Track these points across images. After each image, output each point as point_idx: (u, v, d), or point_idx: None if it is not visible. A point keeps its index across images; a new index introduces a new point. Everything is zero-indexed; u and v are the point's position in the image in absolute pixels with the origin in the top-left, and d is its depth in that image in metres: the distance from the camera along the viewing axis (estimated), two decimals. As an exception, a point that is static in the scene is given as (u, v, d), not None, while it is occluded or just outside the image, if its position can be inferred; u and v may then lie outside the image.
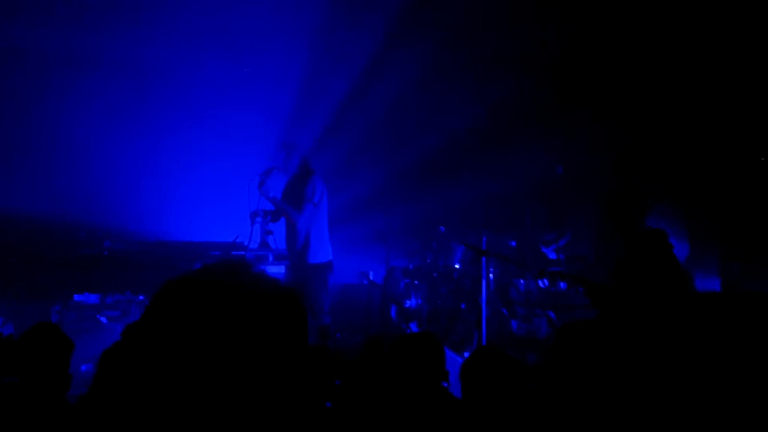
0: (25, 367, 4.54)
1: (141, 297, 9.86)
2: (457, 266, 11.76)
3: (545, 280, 10.99)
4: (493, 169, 12.71)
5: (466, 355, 9.73)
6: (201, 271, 1.60)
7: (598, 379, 4.20)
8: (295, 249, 9.21)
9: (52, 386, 4.49)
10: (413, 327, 11.16)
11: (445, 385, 5.03)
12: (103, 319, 9.81)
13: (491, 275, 10.68)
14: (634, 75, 11.46)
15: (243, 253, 9.33)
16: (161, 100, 12.19)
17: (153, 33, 11.64)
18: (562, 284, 10.71)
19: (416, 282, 11.73)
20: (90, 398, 4.39)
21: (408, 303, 11.59)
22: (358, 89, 13.00)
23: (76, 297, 9.63)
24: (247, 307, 1.51)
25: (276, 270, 9.68)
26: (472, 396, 4.33)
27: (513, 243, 11.70)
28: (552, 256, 11.60)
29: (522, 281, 11.31)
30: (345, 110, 13.29)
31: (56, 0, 11.09)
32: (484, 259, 8.62)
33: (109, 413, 4.02)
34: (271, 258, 9.65)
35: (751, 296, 5.81)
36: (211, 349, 1.46)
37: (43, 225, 10.47)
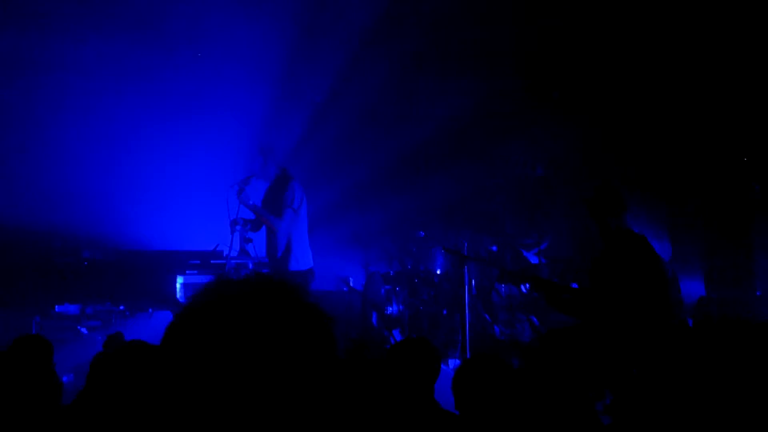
0: (7, 378, 4.46)
1: (122, 307, 9.78)
2: (438, 271, 11.72)
3: (510, 286, 10.98)
4: (471, 171, 12.68)
5: (450, 362, 9.72)
6: (238, 285, 1.51)
7: (583, 385, 4.19)
8: (275, 256, 9.15)
9: (40, 395, 4.42)
10: (396, 333, 11.12)
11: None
12: (84, 330, 9.72)
13: (473, 280, 10.64)
14: (614, 74, 11.47)
15: (223, 261, 9.25)
16: (137, 106, 12.08)
17: (126, 37, 11.55)
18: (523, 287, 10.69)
19: (397, 288, 11.68)
20: (78, 408, 4.32)
21: (389, 309, 11.54)
22: (333, 92, 12.94)
23: (57, 308, 9.54)
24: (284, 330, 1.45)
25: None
26: (468, 406, 4.28)
27: (494, 248, 11.67)
28: (534, 260, 11.58)
29: (504, 286, 11.28)
30: (320, 113, 13.24)
31: (25, 4, 10.98)
32: (466, 266, 8.57)
33: (104, 422, 3.95)
34: (251, 266, 9.58)
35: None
36: (240, 372, 1.39)
37: (20, 235, 10.35)
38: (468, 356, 8.19)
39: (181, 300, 9.26)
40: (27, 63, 11.47)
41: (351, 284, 12.31)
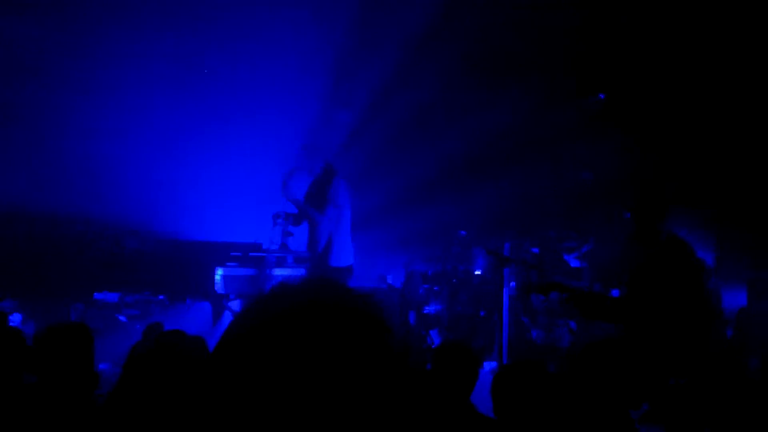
0: (48, 366, 4.47)
1: (161, 297, 9.83)
2: (477, 272, 11.66)
3: (539, 296, 10.89)
4: (516, 173, 12.62)
5: (486, 365, 9.66)
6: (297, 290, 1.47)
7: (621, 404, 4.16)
8: (316, 251, 9.16)
9: (78, 385, 4.42)
10: (433, 334, 11.08)
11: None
12: (123, 318, 9.78)
13: (512, 282, 10.56)
14: (663, 82, 11.38)
15: (263, 254, 9.25)
16: (184, 98, 12.13)
17: (174, 32, 11.60)
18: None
19: (436, 288, 11.63)
20: (116, 398, 4.34)
21: (427, 309, 11.51)
22: (381, 92, 12.92)
23: (96, 295, 9.60)
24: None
25: (296, 272, 9.62)
26: (506, 411, 4.25)
27: (535, 250, 11.58)
28: (575, 264, 11.48)
29: (544, 288, 11.20)
30: (368, 113, 13.24)
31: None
32: (506, 268, 8.49)
33: (139, 414, 3.95)
34: (290, 260, 9.58)
35: None
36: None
37: (62, 224, 10.45)
38: (504, 359, 8.15)
39: (220, 291, 9.30)
40: (74, 54, 11.56)
41: (389, 281, 12.28)
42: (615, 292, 10.48)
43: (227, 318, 9.36)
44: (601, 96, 12.60)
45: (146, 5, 11.21)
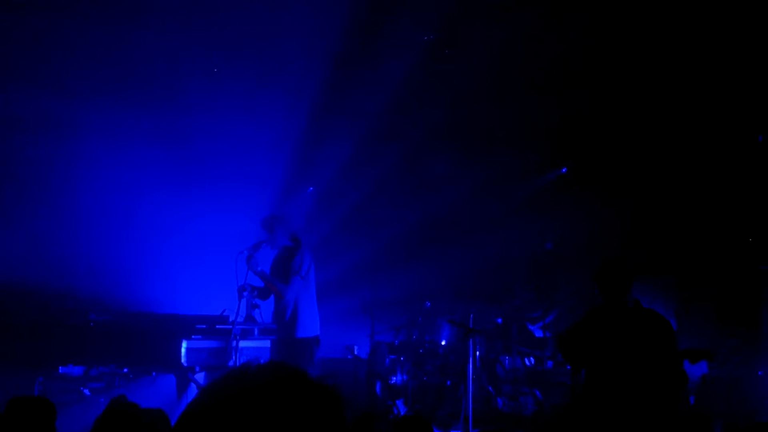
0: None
1: (125, 369, 9.75)
2: (443, 342, 11.71)
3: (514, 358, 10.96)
4: (480, 244, 12.73)
5: (452, 433, 9.68)
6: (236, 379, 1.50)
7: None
8: (282, 322, 9.18)
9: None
10: (399, 404, 11.08)
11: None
12: (86, 392, 9.69)
13: (477, 352, 10.63)
14: (627, 153, 11.58)
15: (229, 326, 9.22)
16: (149, 170, 12.17)
17: (140, 103, 11.70)
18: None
19: (402, 358, 11.65)
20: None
21: (393, 379, 11.51)
22: (346, 162, 13.05)
23: (61, 369, 9.51)
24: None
25: (261, 344, 9.59)
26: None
27: (499, 320, 11.66)
28: (539, 333, 11.57)
29: (508, 358, 11.28)
30: (333, 182, 13.36)
31: (41, 66, 11.15)
32: (471, 338, 8.58)
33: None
34: (256, 332, 9.57)
35: None
36: None
37: (26, 295, 10.39)
38: (471, 428, 8.18)
39: (185, 364, 9.24)
40: (42, 126, 11.62)
41: (356, 353, 12.29)
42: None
43: (192, 391, 9.31)
44: (564, 170, 12.81)
45: (120, 81, 11.32)
